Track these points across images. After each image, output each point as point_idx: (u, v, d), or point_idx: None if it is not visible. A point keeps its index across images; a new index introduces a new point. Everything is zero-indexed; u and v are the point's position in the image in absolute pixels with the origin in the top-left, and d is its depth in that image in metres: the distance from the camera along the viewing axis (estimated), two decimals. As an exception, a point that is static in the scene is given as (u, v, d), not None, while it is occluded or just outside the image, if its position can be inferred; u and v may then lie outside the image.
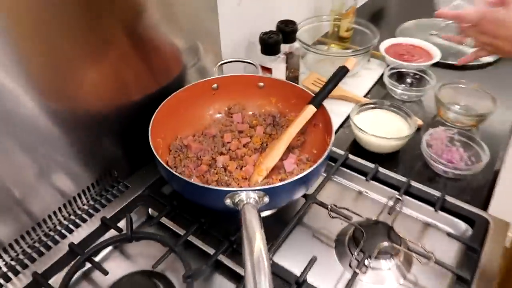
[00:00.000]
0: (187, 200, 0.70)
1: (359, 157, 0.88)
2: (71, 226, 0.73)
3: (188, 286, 0.60)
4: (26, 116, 0.61)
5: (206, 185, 0.62)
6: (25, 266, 0.66)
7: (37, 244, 0.69)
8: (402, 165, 0.90)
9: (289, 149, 0.81)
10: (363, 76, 1.19)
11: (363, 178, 0.82)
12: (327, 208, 0.73)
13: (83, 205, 0.76)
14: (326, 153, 0.69)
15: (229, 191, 0.61)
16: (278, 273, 0.65)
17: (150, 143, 0.70)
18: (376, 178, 0.82)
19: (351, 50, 1.20)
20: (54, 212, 0.72)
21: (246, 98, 0.89)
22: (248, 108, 0.90)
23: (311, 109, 0.78)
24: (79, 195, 0.75)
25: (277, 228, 0.72)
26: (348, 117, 1.02)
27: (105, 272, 0.63)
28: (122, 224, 0.72)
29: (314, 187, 0.77)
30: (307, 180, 0.68)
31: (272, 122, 0.87)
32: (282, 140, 0.77)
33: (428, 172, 0.88)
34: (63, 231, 0.72)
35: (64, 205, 0.73)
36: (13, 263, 0.67)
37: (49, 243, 0.69)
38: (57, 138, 0.68)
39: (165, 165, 0.66)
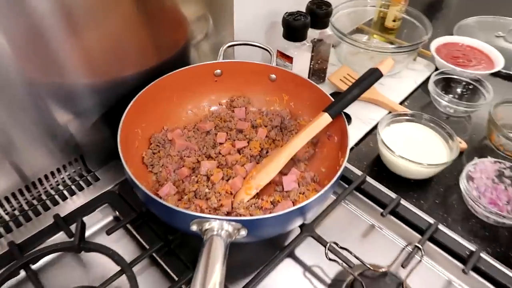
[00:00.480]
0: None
1: (380, 179, 0.72)
2: (21, 218, 0.62)
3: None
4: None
5: (168, 204, 0.49)
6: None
7: (-24, 236, 0.59)
8: (431, 197, 0.73)
9: (294, 161, 0.66)
10: (404, 78, 1.00)
11: (380, 209, 0.66)
12: (324, 247, 0.58)
13: (39, 195, 0.65)
14: (334, 180, 0.54)
15: (196, 217, 0.48)
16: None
17: (118, 132, 0.57)
18: (395, 213, 0.66)
19: (394, 46, 1.01)
20: (6, 198, 0.61)
21: (253, 90, 0.74)
22: (254, 103, 0.75)
23: (325, 119, 0.62)
24: (38, 181, 0.64)
25: (262, 255, 0.59)
26: (376, 126, 0.85)
27: (39, 287, 0.52)
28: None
29: (316, 213, 0.62)
30: (304, 212, 0.53)
31: (279, 124, 0.72)
32: (283, 152, 0.62)
33: (463, 213, 0.71)
34: (11, 223, 0.61)
35: (19, 191, 0.62)
36: None
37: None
38: (29, 108, 0.56)
39: (127, 168, 0.53)
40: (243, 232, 0.49)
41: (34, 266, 0.56)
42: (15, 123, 0.56)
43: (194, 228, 0.49)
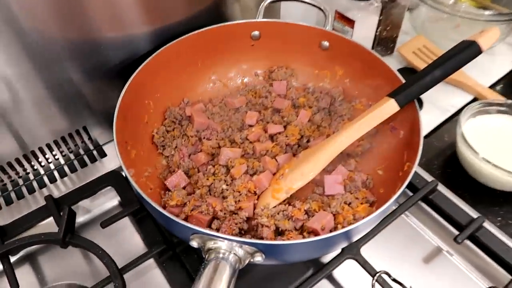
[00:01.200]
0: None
1: (455, 186, 0.56)
2: (12, 194, 0.54)
3: None
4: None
5: (162, 211, 0.36)
6: None
7: (-41, 212, 0.52)
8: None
9: (342, 155, 0.51)
10: (498, 55, 0.80)
11: (452, 229, 0.50)
12: (372, 277, 0.44)
13: (36, 169, 0.55)
14: (396, 195, 0.39)
15: (196, 231, 0.35)
16: None
17: (118, 102, 0.45)
18: (474, 238, 0.49)
19: (491, 12, 0.79)
20: (1, 168, 0.52)
21: (299, 60, 0.60)
22: (299, 77, 0.60)
23: (390, 107, 0.46)
24: (32, 154, 0.54)
25: (290, 271, 0.47)
26: (455, 115, 0.67)
27: (14, 286, 0.43)
28: (75, 207, 0.51)
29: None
30: (349, 237, 0.39)
31: (328, 106, 0.56)
32: (328, 146, 0.47)
33: None
34: (1, 200, 0.53)
35: (9, 164, 0.53)
36: None
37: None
38: (40, 62, 0.48)
39: (119, 154, 0.41)
40: (259, 258, 0.36)
41: (14, 258, 0.48)
42: (23, 79, 0.48)
43: (194, 244, 0.37)
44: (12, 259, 0.48)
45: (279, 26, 0.57)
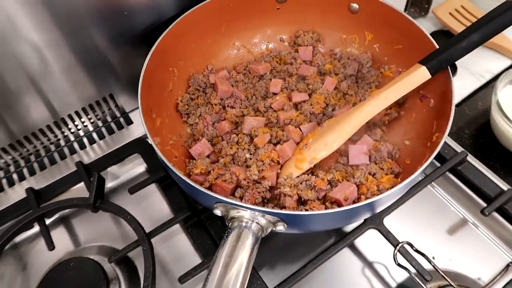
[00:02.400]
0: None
1: (486, 157, 0.55)
2: (45, 160, 0.56)
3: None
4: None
5: (186, 179, 0.37)
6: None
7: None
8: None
9: (368, 125, 0.50)
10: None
11: (481, 204, 0.49)
12: (395, 247, 0.44)
13: (66, 136, 0.57)
14: (423, 167, 0.38)
15: (220, 200, 0.36)
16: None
17: (142, 70, 0.45)
18: (503, 210, 0.48)
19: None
20: (34, 134, 0.54)
21: (326, 25, 0.57)
22: (326, 42, 0.58)
23: (421, 74, 0.44)
24: (62, 121, 0.56)
25: (312, 238, 0.48)
26: (491, 82, 0.64)
27: (50, 246, 0.46)
28: (104, 173, 0.53)
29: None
30: (372, 208, 0.39)
31: (355, 73, 0.54)
32: (354, 115, 0.46)
33: None
34: (35, 164, 0.55)
35: (47, 128, 0.55)
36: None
37: (9, 178, 0.54)
38: (68, 29, 0.48)
39: (144, 121, 0.41)
40: (281, 227, 0.36)
41: (49, 221, 0.50)
42: (51, 46, 0.49)
43: (218, 212, 0.37)
44: (48, 221, 0.51)
45: (306, -12, 0.54)
